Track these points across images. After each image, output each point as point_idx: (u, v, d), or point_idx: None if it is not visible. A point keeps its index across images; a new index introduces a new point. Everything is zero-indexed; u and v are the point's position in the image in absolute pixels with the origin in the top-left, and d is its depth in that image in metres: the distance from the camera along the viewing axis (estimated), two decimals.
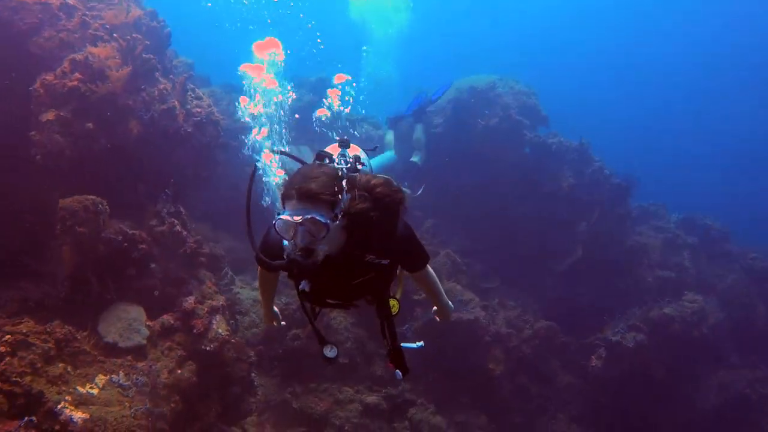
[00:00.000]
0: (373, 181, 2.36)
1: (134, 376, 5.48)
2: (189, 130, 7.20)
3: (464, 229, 11.08)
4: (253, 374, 7.49)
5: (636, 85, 43.55)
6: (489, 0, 38.81)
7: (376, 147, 3.40)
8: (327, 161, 2.58)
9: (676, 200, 14.19)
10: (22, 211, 6.21)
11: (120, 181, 6.64)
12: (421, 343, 3.07)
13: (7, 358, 4.74)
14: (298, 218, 2.14)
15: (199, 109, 7.50)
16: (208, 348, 6.29)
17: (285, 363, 7.96)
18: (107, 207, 5.94)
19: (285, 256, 2.28)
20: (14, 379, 4.63)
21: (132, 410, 5.13)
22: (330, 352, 2.82)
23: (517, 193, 11.04)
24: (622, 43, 42.03)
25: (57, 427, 4.62)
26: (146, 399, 5.35)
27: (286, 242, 2.30)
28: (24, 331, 4.98)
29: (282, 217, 2.17)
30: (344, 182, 2.30)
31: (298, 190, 2.17)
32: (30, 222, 6.21)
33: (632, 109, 43.06)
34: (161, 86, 6.95)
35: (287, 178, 2.39)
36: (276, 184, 3.67)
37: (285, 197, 2.24)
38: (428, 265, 2.91)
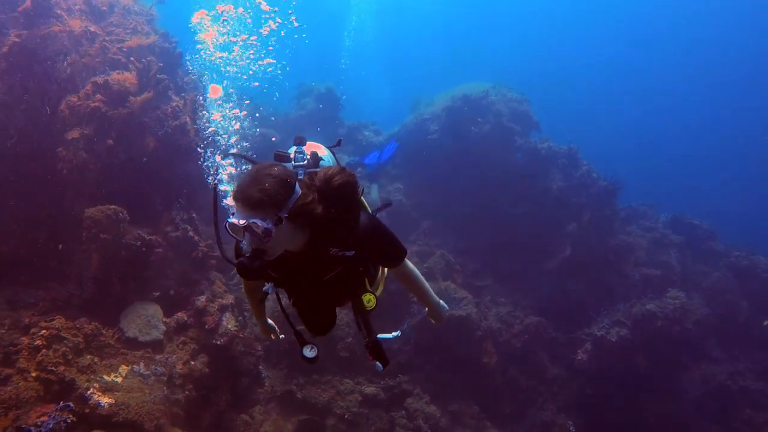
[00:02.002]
0: (329, 172, 2.33)
1: (153, 366, 6.12)
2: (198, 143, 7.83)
3: (459, 230, 11.65)
4: (260, 367, 8.08)
5: (636, 87, 43.98)
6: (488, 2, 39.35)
7: (341, 140, 3.29)
8: (283, 160, 2.62)
9: (669, 201, 14.71)
10: (51, 219, 6.87)
11: (138, 191, 7.28)
12: (398, 332, 3.13)
13: (43, 351, 5.40)
14: (242, 222, 2.12)
15: (208, 124, 8.12)
16: (218, 342, 6.90)
17: (290, 356, 8.53)
18: (127, 215, 6.58)
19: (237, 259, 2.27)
20: (50, 368, 5.29)
21: (151, 396, 5.76)
22: (310, 352, 2.82)
23: (509, 195, 11.60)
24: (620, 47, 42.48)
25: (87, 410, 5.26)
26: (163, 387, 5.98)
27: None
28: (57, 326, 5.64)
29: (229, 220, 2.18)
30: (297, 180, 2.29)
31: (240, 195, 2.15)
32: (57, 229, 6.88)
33: (631, 111, 43.53)
34: (174, 104, 7.60)
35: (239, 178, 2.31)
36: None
37: (233, 199, 2.22)
38: (407, 261, 2.81)
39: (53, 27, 7.01)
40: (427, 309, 3.11)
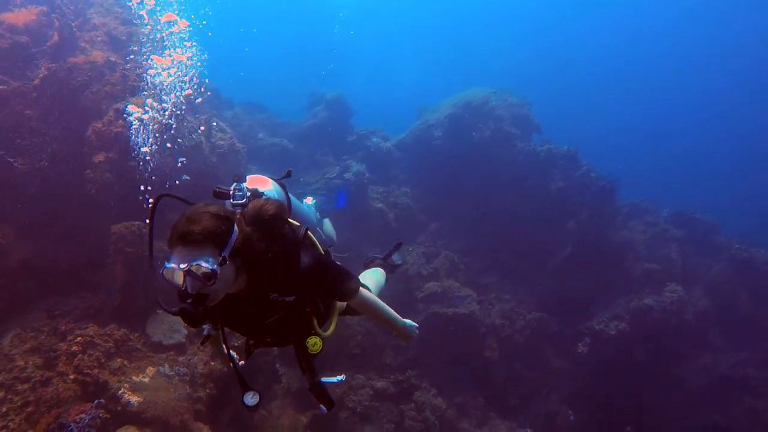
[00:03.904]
0: (257, 204, 2.27)
1: (177, 367, 6.69)
2: (214, 160, 8.45)
3: (465, 230, 12.11)
4: (277, 365, 8.63)
5: (640, 85, 43.87)
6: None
7: (291, 171, 3.11)
8: (222, 198, 2.50)
9: (675, 195, 14.91)
10: (82, 234, 7.53)
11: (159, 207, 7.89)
12: (342, 377, 2.92)
13: (80, 355, 6.05)
14: (183, 266, 1.96)
15: (222, 142, 8.75)
16: (236, 344, 7.45)
17: None
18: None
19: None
20: (86, 371, 5.93)
21: (176, 394, 6.34)
22: (251, 399, 2.59)
23: (512, 196, 12.02)
24: (621, 40, 42.38)
25: (119, 408, 5.87)
26: (187, 386, 6.54)
27: None
28: (90, 333, 6.29)
29: (167, 266, 2.00)
30: (235, 218, 2.18)
31: (179, 236, 1.99)
32: (87, 244, 7.53)
33: (636, 107, 43.44)
34: (190, 125, 8.20)
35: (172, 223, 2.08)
36: None
37: (169, 243, 2.04)
38: (362, 292, 2.70)
39: (78, 58, 7.67)
40: (393, 332, 3.03)
